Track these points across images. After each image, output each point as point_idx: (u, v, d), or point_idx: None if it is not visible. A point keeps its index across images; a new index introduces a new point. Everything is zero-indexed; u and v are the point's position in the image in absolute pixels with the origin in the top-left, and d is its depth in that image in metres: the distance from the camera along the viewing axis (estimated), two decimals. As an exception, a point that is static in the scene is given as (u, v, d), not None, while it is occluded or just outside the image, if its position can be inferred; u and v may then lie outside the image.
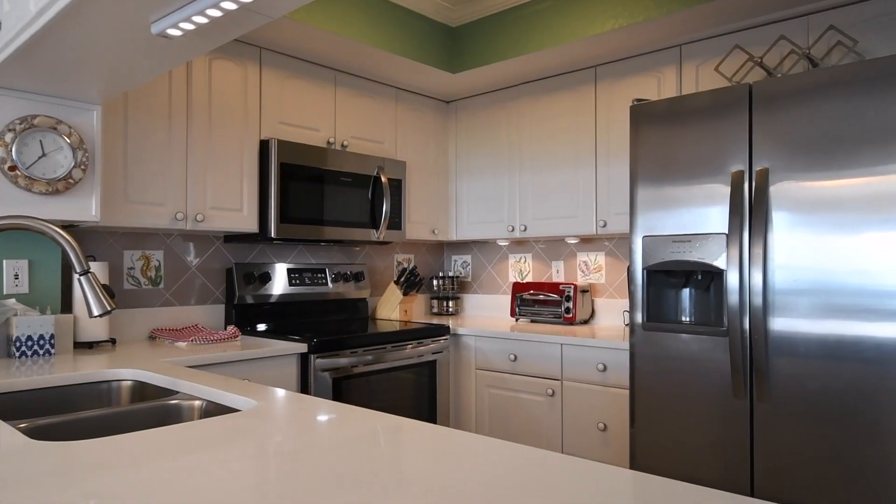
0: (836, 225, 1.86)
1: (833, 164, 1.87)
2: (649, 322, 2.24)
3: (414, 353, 2.86)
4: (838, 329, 1.85)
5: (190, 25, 1.34)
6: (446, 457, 0.97)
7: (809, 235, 1.91)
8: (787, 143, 1.95)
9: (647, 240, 2.24)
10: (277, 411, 1.29)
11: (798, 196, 1.93)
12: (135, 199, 2.30)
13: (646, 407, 2.25)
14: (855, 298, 1.83)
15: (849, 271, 1.84)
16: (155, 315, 2.66)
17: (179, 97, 2.43)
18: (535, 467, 0.92)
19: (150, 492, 0.82)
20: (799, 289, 1.92)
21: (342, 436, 1.10)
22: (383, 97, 3.26)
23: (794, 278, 1.93)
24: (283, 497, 0.80)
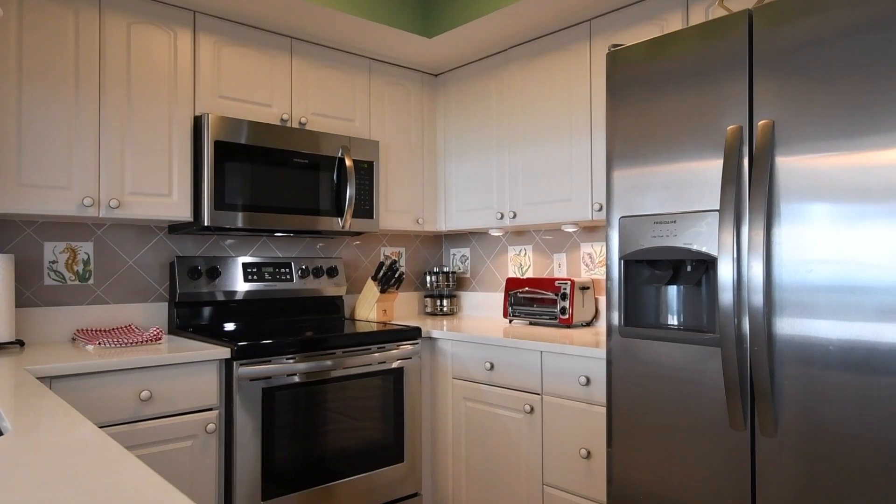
0: (865, 195, 1.33)
1: (864, 118, 1.33)
2: (627, 326, 1.75)
3: (374, 360, 2.47)
4: (869, 335, 1.32)
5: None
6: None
7: (829, 211, 1.38)
8: (800, 90, 1.43)
9: (624, 222, 1.76)
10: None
11: (814, 160, 1.41)
12: (31, 182, 2.03)
13: (624, 429, 1.76)
14: (891, 296, 1.29)
15: (884, 259, 1.30)
16: (81, 314, 2.39)
17: (89, 66, 2.15)
18: None
19: None
20: (815, 282, 1.40)
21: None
22: (353, 69, 2.89)
23: (809, 268, 1.41)
24: None
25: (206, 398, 2.07)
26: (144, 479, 0.79)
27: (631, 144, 1.75)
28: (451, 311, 3.41)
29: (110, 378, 1.87)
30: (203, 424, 2.04)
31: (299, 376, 2.25)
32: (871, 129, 1.32)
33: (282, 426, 2.19)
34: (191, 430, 2.02)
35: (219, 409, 2.11)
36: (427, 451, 2.70)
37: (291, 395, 2.23)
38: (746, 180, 1.50)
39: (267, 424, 2.16)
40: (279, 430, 2.19)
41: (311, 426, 2.27)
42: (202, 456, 2.04)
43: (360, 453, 2.41)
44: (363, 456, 2.42)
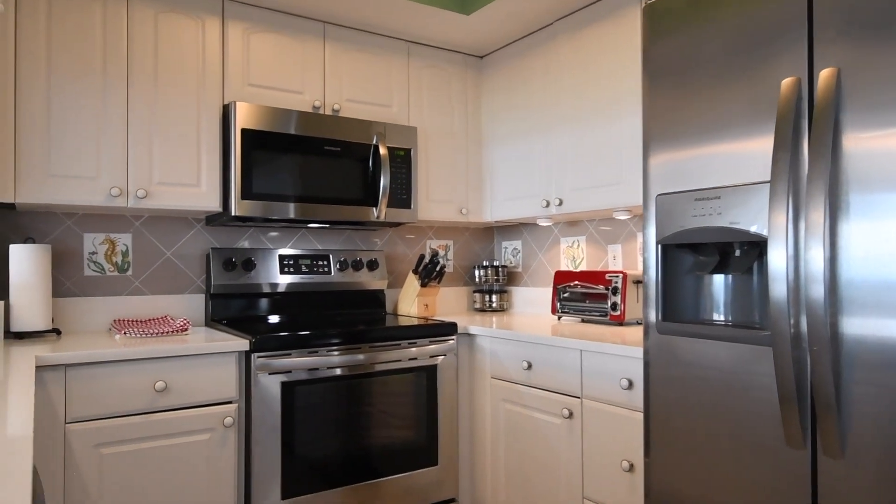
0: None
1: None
2: (665, 322, 1.51)
3: (404, 356, 2.33)
4: None
5: None
6: None
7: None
8: (874, 27, 1.15)
9: (662, 200, 1.52)
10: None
11: (890, 114, 1.12)
12: (59, 172, 2.06)
13: (663, 438, 1.53)
14: None
15: None
16: (120, 305, 2.42)
17: (117, 57, 2.15)
18: None
19: None
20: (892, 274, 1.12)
21: None
22: (390, 53, 2.77)
23: (885, 251, 1.13)
24: None
25: (224, 391, 2.01)
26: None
27: (669, 109, 1.51)
28: (501, 308, 3.22)
29: (124, 368, 1.84)
30: (221, 418, 1.99)
31: (322, 371, 2.15)
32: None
33: (303, 422, 2.10)
34: (208, 424, 1.97)
35: (238, 402, 2.05)
36: (465, 455, 2.54)
37: (313, 390, 2.13)
38: (805, 145, 1.23)
39: (287, 420, 2.07)
40: (300, 427, 2.10)
41: (336, 424, 2.17)
42: (220, 450, 1.99)
43: (390, 454, 2.28)
44: (393, 457, 2.29)
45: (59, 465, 1.75)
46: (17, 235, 2.25)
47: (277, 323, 2.48)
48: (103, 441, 1.81)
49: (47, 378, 1.75)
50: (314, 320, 2.57)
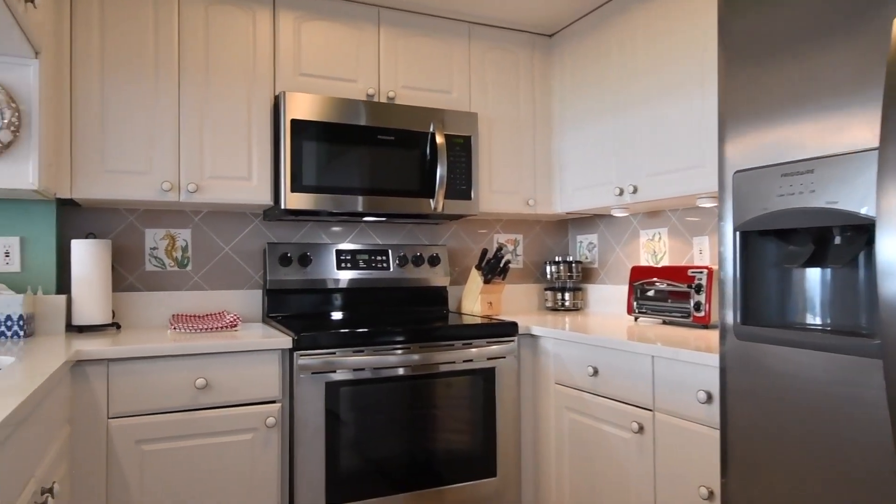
0: None
1: None
2: (746, 325, 1.25)
3: (458, 357, 2.17)
4: None
5: None
6: None
7: None
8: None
9: (741, 178, 1.26)
10: None
11: None
12: (114, 168, 2.07)
13: (743, 460, 1.27)
14: None
15: None
16: (179, 300, 2.43)
17: (168, 52, 2.14)
18: None
19: None
20: None
21: None
22: (450, 35, 2.61)
23: None
24: None
25: (267, 390, 1.94)
26: None
27: (750, 75, 1.25)
28: (575, 307, 2.98)
29: (164, 364, 1.81)
30: (263, 418, 1.92)
31: (369, 371, 2.03)
32: None
33: (348, 425, 1.99)
34: (250, 424, 1.91)
35: (281, 402, 1.97)
36: (528, 468, 2.33)
37: (359, 392, 2.02)
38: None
39: (331, 422, 1.97)
40: (346, 430, 1.99)
41: (383, 428, 2.04)
42: (263, 452, 1.92)
43: (443, 463, 2.13)
44: (446, 466, 2.13)
45: (101, 460, 1.74)
46: (81, 232, 2.31)
47: (326, 320, 2.40)
48: (144, 438, 1.78)
49: (90, 372, 1.74)
50: (367, 318, 2.46)
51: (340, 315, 2.57)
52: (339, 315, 2.57)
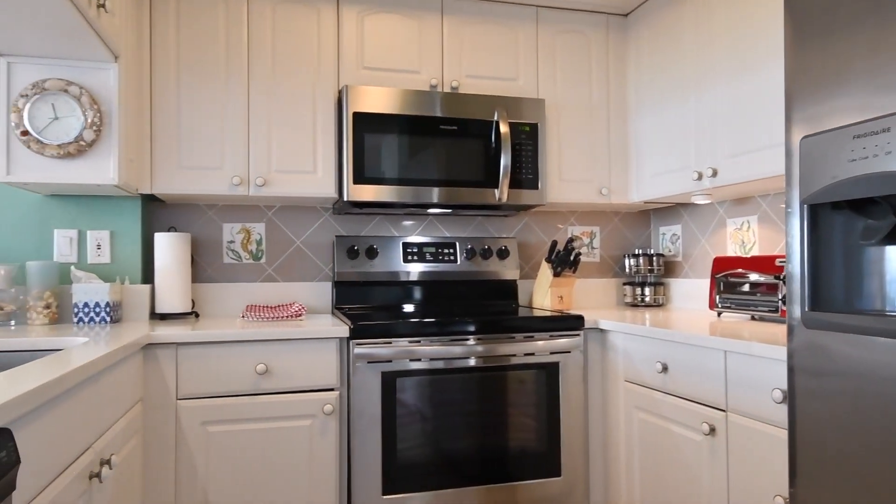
0: None
1: None
2: (815, 312, 1.10)
3: (518, 350, 2.09)
4: None
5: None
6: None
7: None
8: None
9: (808, 144, 1.11)
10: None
11: None
12: (188, 165, 2.19)
13: (813, 465, 1.11)
14: None
15: None
16: (253, 291, 2.53)
17: (238, 52, 2.24)
18: None
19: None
20: None
21: None
22: (516, 20, 2.54)
23: None
24: None
25: (326, 378, 1.97)
26: None
27: (817, 27, 1.09)
28: (656, 302, 2.79)
29: (228, 349, 1.88)
30: (321, 405, 1.95)
31: (425, 362, 2.01)
32: None
33: (405, 416, 1.98)
34: (309, 410, 1.94)
35: (339, 390, 1.99)
36: (598, 470, 2.21)
37: (416, 382, 2.00)
38: None
39: (387, 412, 1.96)
40: (402, 420, 1.98)
41: (440, 420, 2.01)
42: (321, 438, 1.95)
43: (502, 459, 2.06)
44: (505, 463, 2.06)
45: (171, 438, 1.84)
46: (164, 225, 2.46)
47: (389, 311, 2.40)
48: (209, 419, 1.86)
49: (160, 355, 1.84)
50: (431, 310, 2.44)
51: (406, 307, 2.57)
52: (404, 307, 2.57)
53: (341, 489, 1.99)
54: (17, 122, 1.85)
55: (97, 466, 1.33)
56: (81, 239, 2.25)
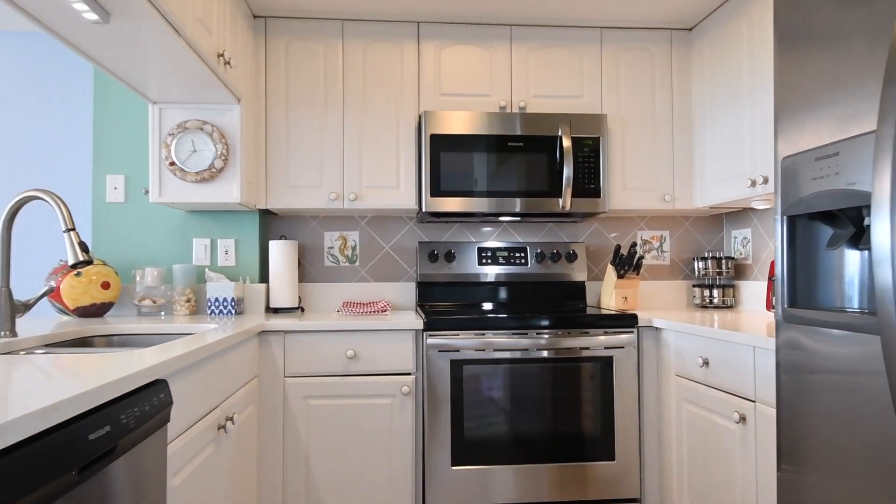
0: None
1: None
2: (792, 308, 1.27)
3: (576, 344, 2.32)
4: None
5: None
6: None
7: None
8: None
9: (786, 163, 1.28)
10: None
11: None
12: (295, 184, 2.63)
13: (792, 448, 1.28)
14: None
15: None
16: (349, 290, 2.94)
17: (335, 86, 2.65)
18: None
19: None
20: None
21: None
22: (581, 42, 2.76)
23: None
24: None
25: (404, 363, 2.31)
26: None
27: (796, 50, 1.27)
28: (724, 304, 2.89)
29: (323, 337, 2.28)
30: (399, 386, 2.29)
31: (489, 352, 2.29)
32: None
33: (471, 399, 2.28)
34: (390, 390, 2.29)
35: (415, 374, 2.32)
36: (651, 455, 2.38)
37: (480, 369, 2.29)
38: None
39: (456, 395, 2.27)
40: (469, 402, 2.27)
41: (503, 404, 2.29)
42: (400, 414, 2.29)
43: (558, 441, 2.30)
44: (563, 444, 2.30)
45: (280, 407, 2.26)
46: (277, 234, 2.93)
47: (462, 308, 2.70)
48: (310, 394, 2.27)
49: (272, 341, 2.27)
50: (500, 308, 2.72)
51: (479, 305, 2.86)
52: (478, 305, 2.86)
53: (417, 458, 2.32)
54: (166, 155, 2.36)
55: (223, 421, 1.75)
56: (213, 246, 2.76)
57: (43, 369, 1.14)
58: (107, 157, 2.68)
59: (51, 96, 2.89)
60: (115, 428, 1.01)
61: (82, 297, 2.39)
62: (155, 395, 1.20)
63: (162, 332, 2.14)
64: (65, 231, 1.65)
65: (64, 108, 2.90)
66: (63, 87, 2.90)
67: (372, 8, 2.59)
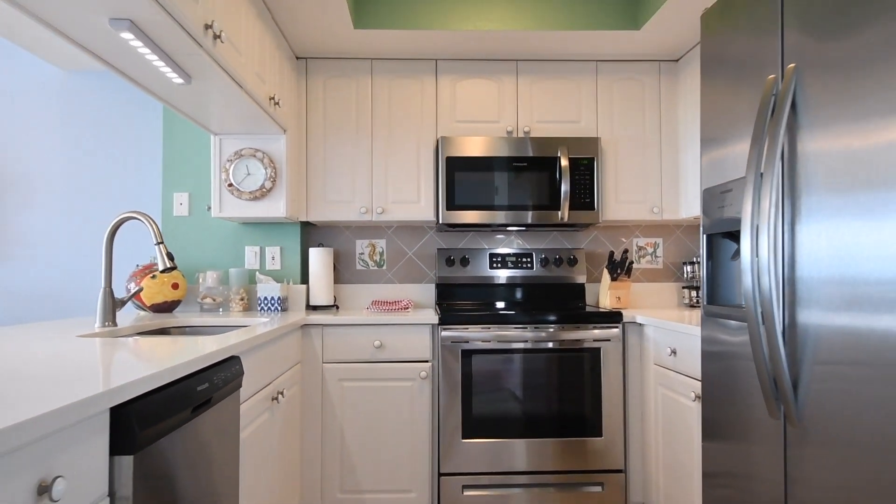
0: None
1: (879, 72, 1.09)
2: (709, 305, 1.66)
3: (568, 337, 2.72)
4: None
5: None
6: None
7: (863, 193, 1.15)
8: (818, 27, 1.22)
9: (705, 194, 1.67)
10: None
11: (827, 107, 1.18)
12: (331, 199, 3.08)
13: (713, 419, 1.67)
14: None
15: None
16: (376, 290, 3.39)
17: (364, 115, 3.10)
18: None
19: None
20: (825, 273, 1.18)
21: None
22: (578, 73, 3.16)
23: (823, 249, 1.19)
24: (0, 361, 1.33)
25: (422, 352, 2.74)
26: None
27: (711, 106, 1.66)
28: (709, 303, 3.24)
29: (355, 330, 2.72)
30: (418, 372, 2.72)
31: (493, 343, 2.71)
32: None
33: (479, 382, 2.69)
34: (410, 375, 2.72)
35: (432, 362, 2.75)
36: (636, 433, 2.76)
37: (486, 358, 2.70)
38: (765, 135, 1.33)
39: (465, 379, 2.69)
40: (477, 385, 2.69)
41: (506, 387, 2.70)
42: (419, 395, 2.72)
43: (554, 420, 2.70)
44: (557, 423, 2.70)
45: (319, 388, 2.71)
46: (315, 242, 3.40)
47: (473, 306, 3.12)
48: (344, 377, 2.72)
49: (312, 333, 2.73)
50: (506, 306, 3.12)
51: (490, 304, 3.28)
52: (489, 304, 3.28)
53: (433, 432, 2.74)
54: (225, 178, 2.84)
55: (276, 394, 2.20)
56: (262, 253, 3.23)
57: (153, 347, 1.60)
58: (173, 178, 3.19)
59: (127, 127, 3.41)
60: (210, 385, 1.46)
61: (157, 296, 2.89)
62: (233, 366, 1.65)
63: (223, 325, 2.62)
64: (156, 244, 2.13)
65: (138, 137, 3.41)
66: (137, 119, 3.41)
67: (396, 49, 3.03)
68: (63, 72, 3.37)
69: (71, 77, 3.37)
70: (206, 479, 1.47)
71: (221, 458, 1.58)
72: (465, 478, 2.68)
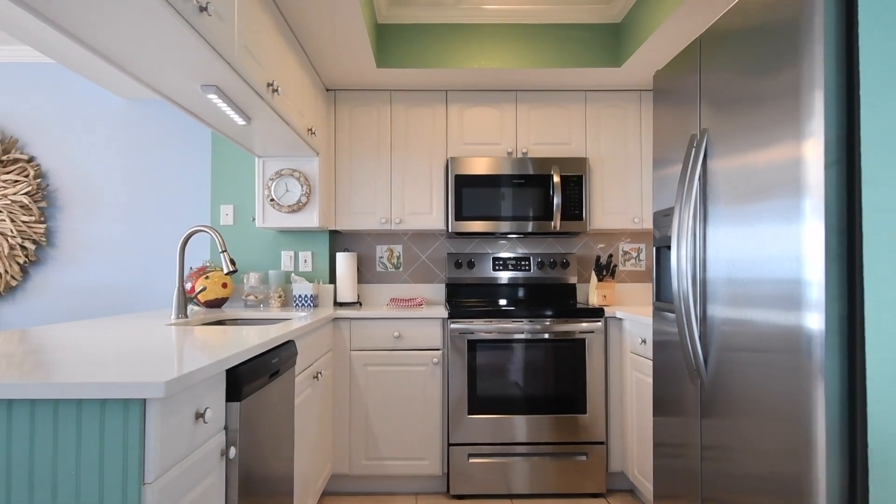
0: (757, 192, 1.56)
1: (748, 126, 1.57)
2: (657, 301, 2.15)
3: (557, 329, 3.21)
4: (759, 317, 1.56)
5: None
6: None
7: (738, 223, 1.64)
8: (719, 99, 1.71)
9: (655, 215, 2.16)
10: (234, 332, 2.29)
11: (727, 163, 1.67)
12: (356, 211, 3.59)
13: (662, 397, 2.15)
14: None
15: (777, 252, 1.53)
16: (394, 289, 3.89)
17: (384, 138, 3.60)
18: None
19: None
20: (721, 274, 1.67)
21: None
22: (569, 102, 3.64)
23: (721, 252, 1.68)
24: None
25: (434, 342, 3.24)
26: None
27: (661, 146, 2.15)
28: (685, 301, 3.71)
29: (377, 323, 3.23)
30: (431, 358, 3.22)
31: (495, 334, 3.20)
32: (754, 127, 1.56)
33: (482, 367, 3.19)
34: (424, 361, 3.23)
35: (442, 350, 3.25)
36: (616, 411, 3.25)
37: (489, 347, 3.20)
38: (687, 181, 1.82)
39: (471, 364, 3.19)
40: (480, 370, 3.19)
41: (506, 372, 3.19)
42: (431, 378, 3.22)
43: (547, 399, 3.19)
44: (549, 402, 3.19)
45: (347, 372, 3.22)
46: (341, 247, 3.91)
47: (478, 303, 3.61)
48: (368, 363, 3.22)
49: (342, 325, 3.24)
50: (507, 303, 3.62)
51: (492, 301, 3.77)
52: (491, 301, 3.77)
53: (443, 409, 3.24)
54: (267, 194, 3.36)
55: (316, 373, 2.71)
56: (296, 257, 3.74)
57: (233, 333, 2.11)
58: (220, 192, 3.71)
59: (180, 149, 3.93)
60: (279, 359, 1.97)
61: (209, 294, 3.41)
62: (290, 347, 2.16)
63: (267, 318, 3.13)
64: (221, 252, 2.64)
65: (190, 157, 3.93)
66: (189, 142, 3.93)
67: (412, 82, 3.53)
68: (124, 100, 3.90)
69: (131, 105, 3.90)
70: (276, 428, 1.98)
71: (284, 416, 2.08)
72: (471, 447, 3.18)
